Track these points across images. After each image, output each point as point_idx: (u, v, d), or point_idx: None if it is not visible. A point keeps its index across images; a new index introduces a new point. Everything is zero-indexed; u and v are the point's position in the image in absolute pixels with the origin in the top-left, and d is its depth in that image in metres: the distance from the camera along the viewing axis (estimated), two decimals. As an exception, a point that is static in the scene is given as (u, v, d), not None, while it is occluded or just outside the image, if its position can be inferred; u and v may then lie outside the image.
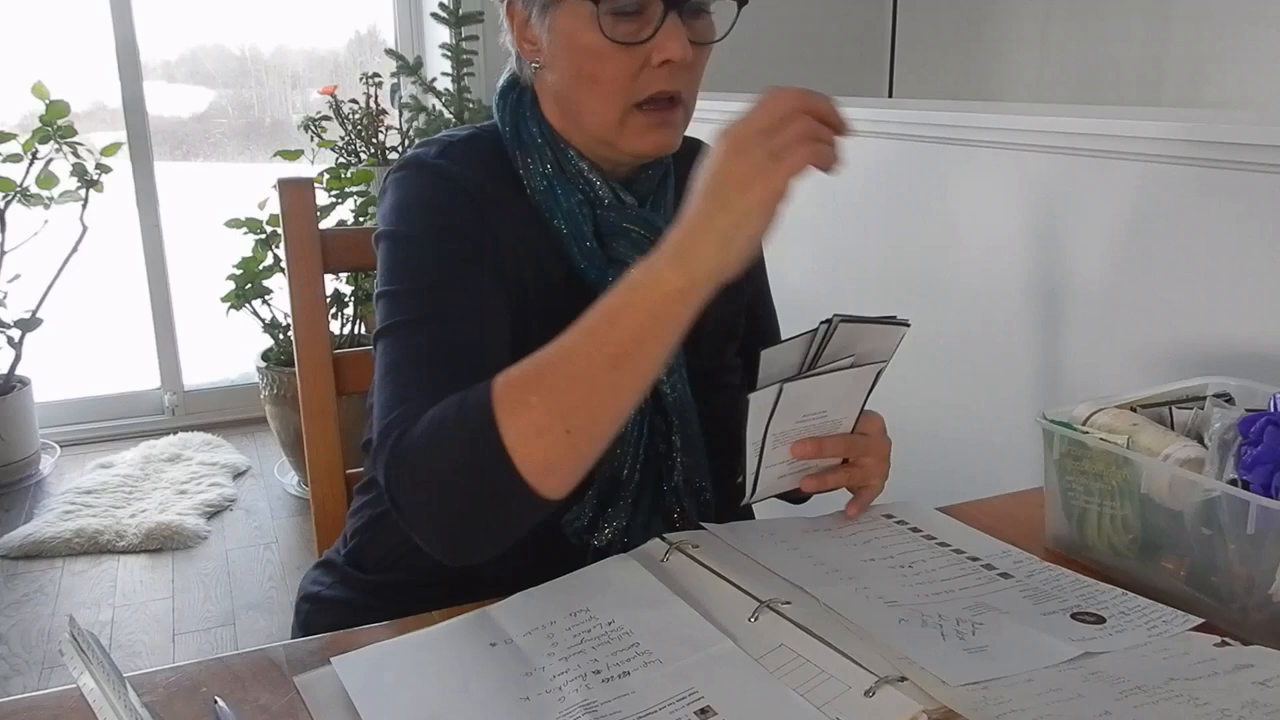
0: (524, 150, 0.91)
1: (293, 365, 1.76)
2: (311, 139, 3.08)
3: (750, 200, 0.66)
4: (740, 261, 0.67)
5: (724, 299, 0.99)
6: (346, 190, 2.88)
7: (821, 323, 0.82)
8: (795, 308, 1.15)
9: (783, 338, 1.11)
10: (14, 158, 2.87)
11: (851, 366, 0.85)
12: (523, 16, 0.89)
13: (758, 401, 0.82)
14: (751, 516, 1.04)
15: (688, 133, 0.95)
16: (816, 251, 1.95)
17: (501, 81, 0.96)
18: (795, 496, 1.02)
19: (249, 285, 2.97)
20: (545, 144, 0.91)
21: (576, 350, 0.69)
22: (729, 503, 0.95)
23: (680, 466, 0.93)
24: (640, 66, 0.85)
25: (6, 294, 2.97)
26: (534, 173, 0.91)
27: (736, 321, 1.04)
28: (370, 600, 0.96)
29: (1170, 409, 0.89)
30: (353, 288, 2.92)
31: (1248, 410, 0.82)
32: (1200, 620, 0.74)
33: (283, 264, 1.87)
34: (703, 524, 0.88)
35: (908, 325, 0.86)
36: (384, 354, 0.82)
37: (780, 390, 0.82)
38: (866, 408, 0.90)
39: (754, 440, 0.84)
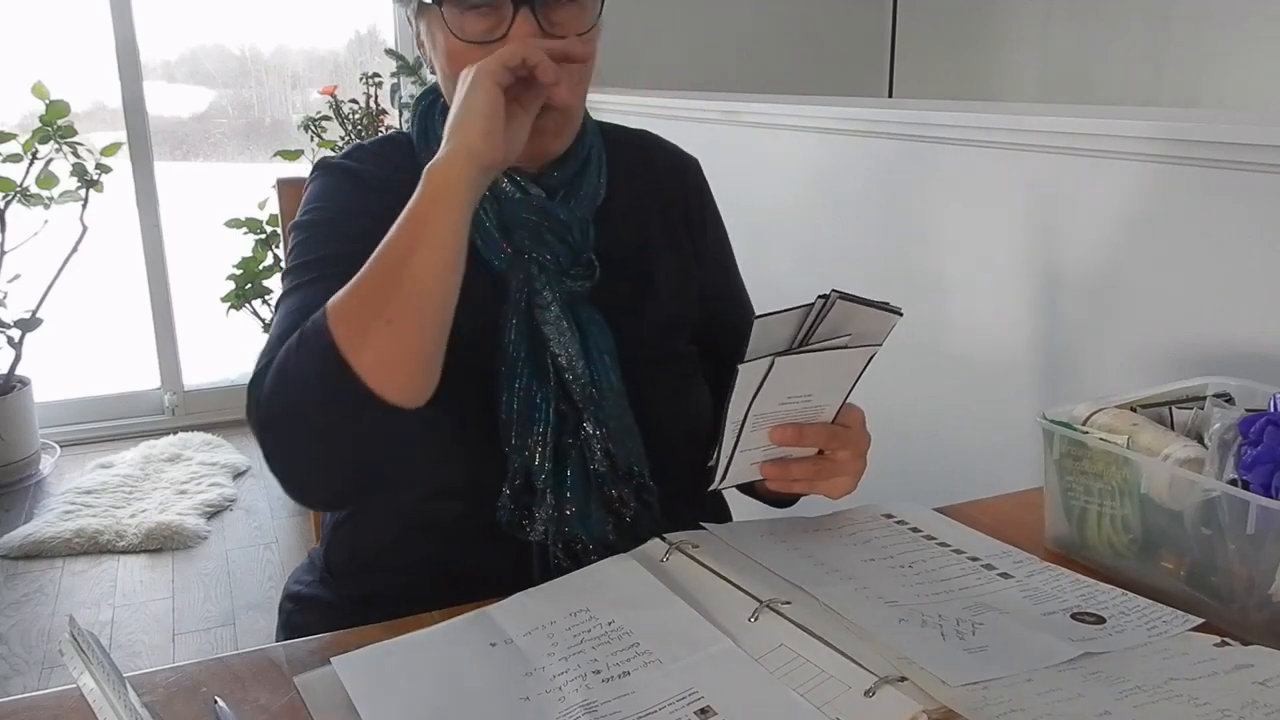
0: (427, 149, 0.94)
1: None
2: (311, 139, 3.08)
3: (472, 109, 0.76)
4: (490, 152, 0.76)
5: (666, 287, 1.01)
6: (346, 190, 2.88)
7: (819, 297, 0.79)
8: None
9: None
10: (14, 158, 2.88)
11: (847, 347, 0.82)
12: (416, 28, 0.94)
13: (747, 374, 0.79)
14: (722, 503, 1.04)
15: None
16: (816, 251, 1.95)
17: (423, 89, 1.03)
18: (773, 499, 1.02)
19: (249, 285, 2.97)
20: None
21: (382, 251, 0.76)
22: (677, 491, 0.94)
23: (601, 453, 0.92)
24: None
25: (6, 294, 2.97)
26: None
27: (682, 312, 1.03)
28: (344, 600, 0.97)
29: (1170, 409, 0.89)
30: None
31: (1248, 410, 0.82)
32: (1200, 620, 0.74)
33: (282, 264, 1.87)
34: (702, 524, 0.88)
35: (901, 314, 0.83)
36: (276, 311, 0.89)
37: (772, 364, 0.79)
38: (849, 399, 0.87)
39: (735, 419, 0.81)
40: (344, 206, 0.94)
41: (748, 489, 1.01)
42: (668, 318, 1.01)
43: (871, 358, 0.83)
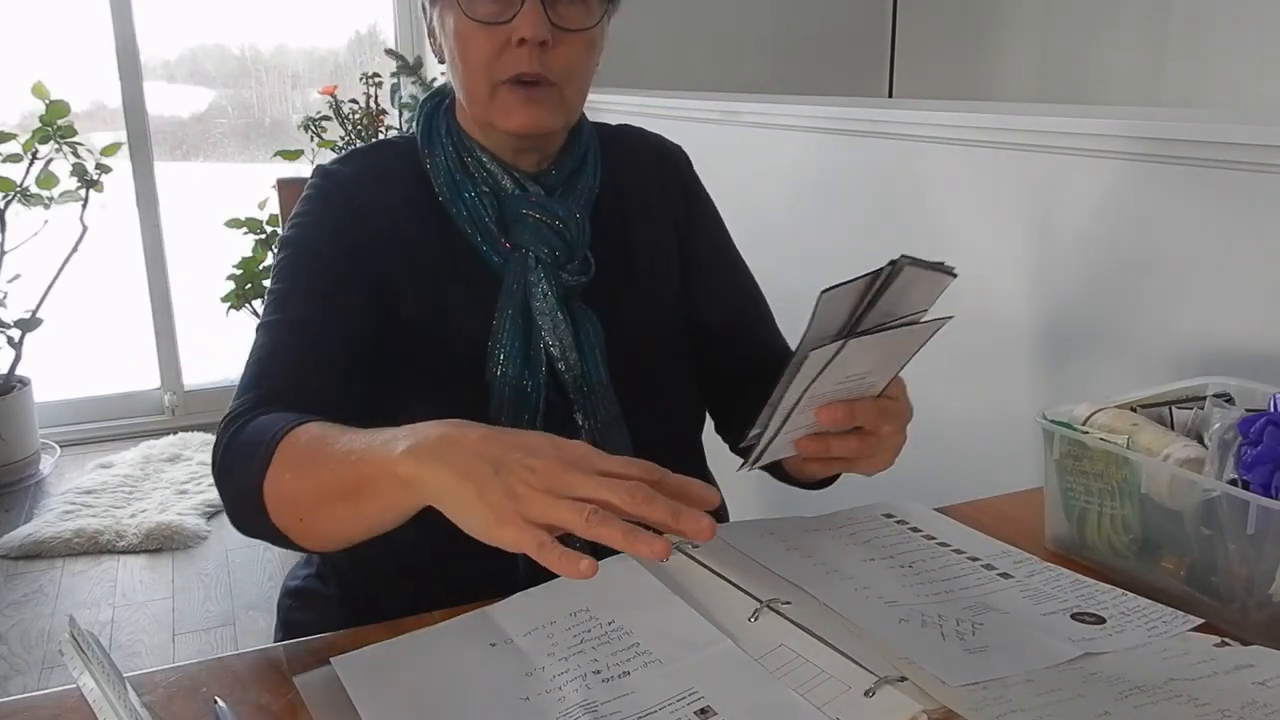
0: (431, 149, 0.98)
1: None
2: (311, 139, 3.08)
3: (474, 514, 0.62)
4: (454, 520, 0.64)
5: (653, 281, 1.02)
6: (346, 190, 2.88)
7: (888, 263, 0.72)
8: (794, 307, 1.15)
9: (773, 323, 1.12)
10: (14, 158, 2.87)
11: (917, 323, 0.75)
12: (429, 22, 0.97)
13: (816, 360, 0.72)
14: (720, 502, 1.04)
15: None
16: (816, 251, 1.95)
17: (430, 91, 1.05)
18: (802, 481, 0.99)
19: (249, 285, 2.97)
20: (450, 141, 0.98)
21: (330, 462, 0.70)
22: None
23: (590, 445, 0.92)
24: (502, 47, 0.89)
25: (6, 294, 2.97)
26: (438, 167, 0.97)
27: (669, 306, 1.04)
28: (341, 593, 0.98)
29: (1170, 409, 0.89)
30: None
31: (1248, 410, 0.82)
32: (1200, 620, 0.74)
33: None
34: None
35: (955, 275, 0.75)
36: (255, 342, 0.90)
37: (843, 346, 0.72)
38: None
39: (790, 401, 0.75)
40: (325, 226, 0.95)
41: (777, 472, 0.98)
42: (654, 312, 1.02)
43: (938, 330, 0.77)
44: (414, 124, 1.02)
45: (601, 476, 0.62)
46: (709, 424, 1.09)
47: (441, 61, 0.98)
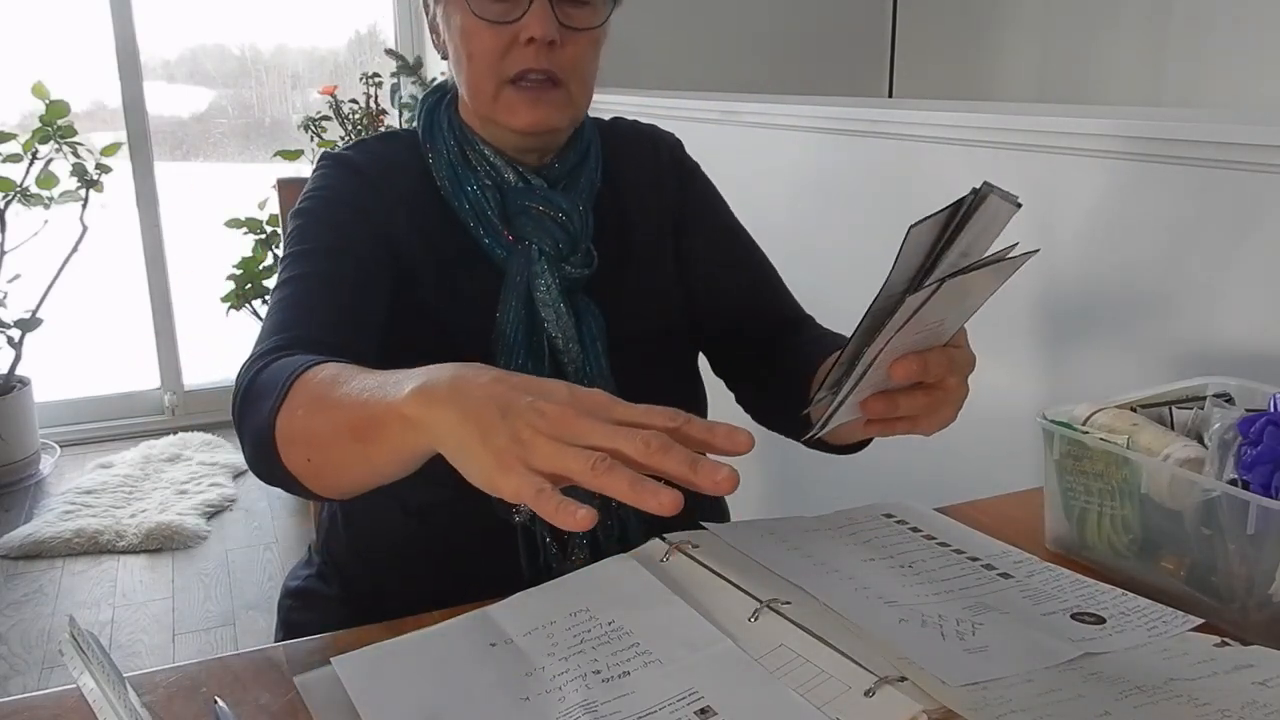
0: (432, 144, 0.99)
1: (293, 365, 1.75)
2: (311, 139, 3.08)
3: (478, 458, 0.59)
4: (457, 466, 0.61)
5: (651, 272, 1.02)
6: (346, 190, 2.88)
7: (970, 191, 0.66)
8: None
9: (784, 288, 1.11)
10: (14, 158, 2.87)
11: (1005, 258, 0.68)
12: (432, 17, 0.98)
13: (912, 302, 0.66)
14: (720, 501, 1.05)
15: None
16: (816, 251, 1.95)
17: (431, 86, 1.05)
18: (839, 446, 0.94)
19: (249, 285, 2.97)
20: (451, 136, 0.98)
21: (342, 403, 0.69)
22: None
23: None
24: (509, 45, 0.90)
25: (6, 294, 2.97)
26: (440, 161, 0.98)
27: (668, 296, 1.05)
28: (342, 592, 0.98)
29: (1170, 409, 0.89)
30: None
31: (1248, 410, 0.82)
32: (1200, 620, 0.74)
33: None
34: (703, 524, 0.88)
35: (1021, 204, 0.67)
36: (272, 297, 0.91)
37: (937, 288, 0.65)
38: None
39: (873, 353, 0.68)
40: (342, 197, 0.96)
41: (813, 441, 0.89)
42: (653, 303, 1.03)
43: (1018, 268, 0.70)
44: (415, 120, 1.02)
45: (617, 425, 0.58)
46: (718, 407, 1.09)
47: (444, 58, 0.98)
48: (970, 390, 0.80)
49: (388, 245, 0.94)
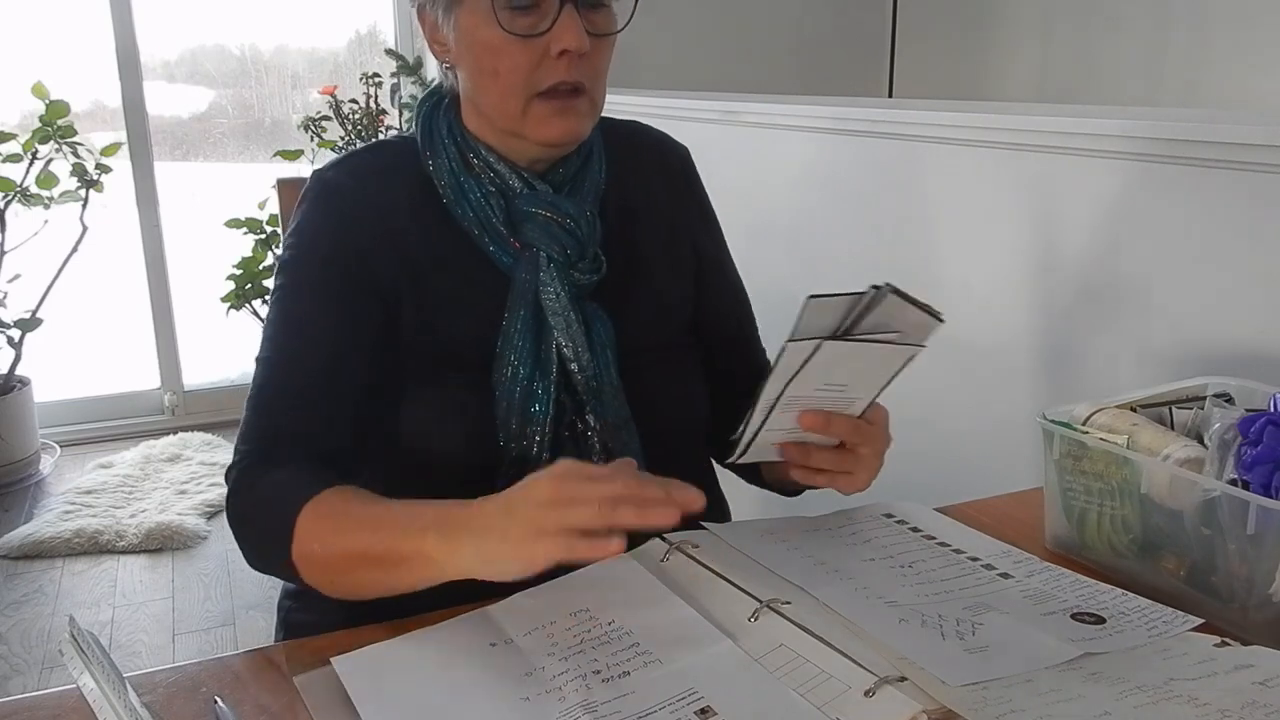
0: (433, 151, 0.96)
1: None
2: (311, 139, 3.08)
3: (505, 554, 0.71)
4: (491, 577, 0.72)
5: (658, 279, 1.02)
6: (346, 190, 2.88)
7: (871, 287, 0.77)
8: (794, 306, 1.15)
9: (757, 336, 1.12)
10: (14, 158, 2.87)
11: (897, 343, 0.80)
12: (432, 19, 0.93)
13: (793, 353, 0.77)
14: (722, 502, 1.04)
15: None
16: (815, 251, 1.95)
17: (426, 91, 1.02)
18: (780, 487, 1.02)
19: (249, 285, 2.97)
20: (452, 142, 0.95)
21: (359, 533, 0.78)
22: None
23: (600, 446, 0.93)
24: (539, 59, 0.87)
25: (6, 294, 2.97)
26: (441, 169, 0.95)
27: (675, 303, 1.04)
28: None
29: (1170, 409, 0.89)
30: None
31: (1248, 410, 0.82)
32: (1200, 620, 0.74)
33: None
34: (703, 524, 0.88)
35: (942, 320, 0.81)
36: (253, 379, 0.92)
37: (819, 346, 0.76)
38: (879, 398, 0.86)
39: (770, 396, 0.80)
40: (325, 247, 0.93)
41: (754, 477, 1.01)
42: (660, 310, 1.02)
43: (912, 358, 0.82)
44: (413, 125, 1.00)
45: (591, 479, 0.70)
46: None
47: (443, 62, 0.95)
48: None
49: (376, 281, 0.92)
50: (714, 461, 1.06)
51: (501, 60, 0.88)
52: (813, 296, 0.75)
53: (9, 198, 2.89)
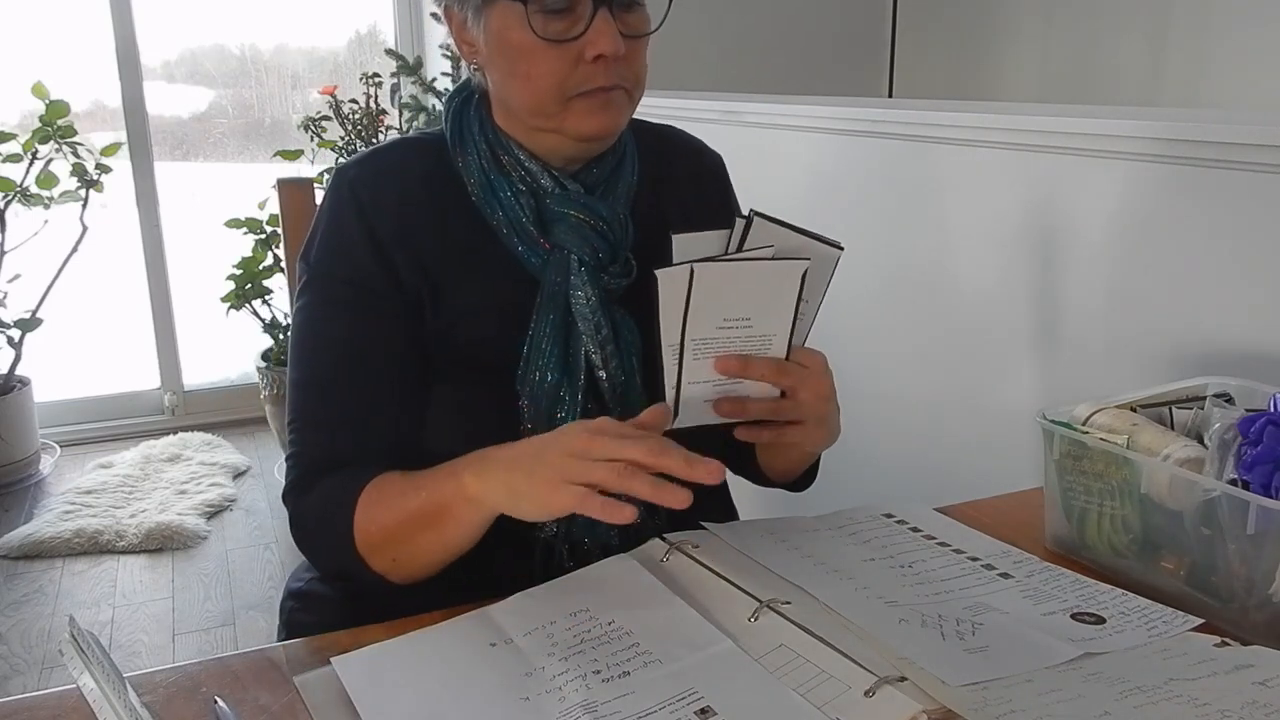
0: (463, 149, 0.94)
1: (293, 365, 1.75)
2: (311, 139, 3.08)
3: (527, 492, 0.75)
4: (514, 513, 0.77)
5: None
6: (346, 190, 2.88)
7: (739, 217, 0.80)
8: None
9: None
10: (14, 158, 2.87)
11: (772, 259, 0.77)
12: (460, 19, 0.91)
13: (668, 285, 0.75)
14: (728, 504, 1.04)
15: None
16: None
17: (455, 87, 1.00)
18: (781, 479, 1.01)
19: (249, 285, 2.97)
20: (483, 139, 0.93)
21: (404, 499, 0.83)
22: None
23: None
24: (574, 63, 0.86)
25: (6, 294, 2.97)
26: (471, 167, 0.93)
27: None
28: (346, 595, 0.97)
29: (1170, 409, 0.89)
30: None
31: (1248, 410, 0.82)
32: (1200, 620, 0.74)
33: (282, 264, 1.87)
34: (703, 524, 0.88)
35: (841, 248, 0.79)
36: (288, 400, 0.93)
37: (692, 272, 0.74)
38: (809, 345, 0.85)
39: (670, 342, 0.78)
40: (348, 262, 0.91)
41: (759, 477, 1.00)
42: None
43: (804, 276, 0.79)
44: (442, 121, 0.97)
45: (623, 439, 0.73)
46: None
47: (471, 63, 0.93)
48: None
49: (401, 286, 0.90)
50: (727, 470, 1.05)
51: (535, 65, 0.86)
52: (676, 234, 0.77)
53: (9, 198, 2.90)
